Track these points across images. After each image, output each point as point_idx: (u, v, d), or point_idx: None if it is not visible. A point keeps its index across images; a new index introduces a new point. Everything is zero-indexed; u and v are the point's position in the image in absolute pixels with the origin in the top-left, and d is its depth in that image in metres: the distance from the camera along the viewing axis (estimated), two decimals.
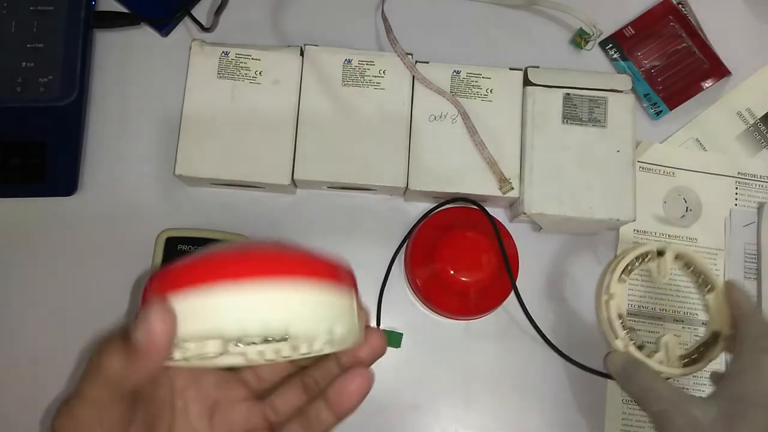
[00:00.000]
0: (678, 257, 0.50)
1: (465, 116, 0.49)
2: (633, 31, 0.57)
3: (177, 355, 0.24)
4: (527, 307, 0.47)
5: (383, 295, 0.50)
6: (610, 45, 0.56)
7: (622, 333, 0.47)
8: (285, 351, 0.25)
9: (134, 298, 0.49)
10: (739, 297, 0.46)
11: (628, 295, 0.52)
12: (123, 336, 0.24)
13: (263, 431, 0.30)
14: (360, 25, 0.55)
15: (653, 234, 0.53)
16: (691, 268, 0.50)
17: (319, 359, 0.30)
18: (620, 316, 0.47)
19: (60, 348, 0.49)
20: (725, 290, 0.47)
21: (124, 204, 0.52)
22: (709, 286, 0.49)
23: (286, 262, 0.25)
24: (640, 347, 0.46)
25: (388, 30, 0.51)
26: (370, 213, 0.52)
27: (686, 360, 0.47)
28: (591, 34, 0.54)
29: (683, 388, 0.51)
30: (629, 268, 0.49)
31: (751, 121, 0.56)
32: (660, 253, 0.50)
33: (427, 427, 0.50)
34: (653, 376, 0.43)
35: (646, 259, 0.49)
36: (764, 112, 0.56)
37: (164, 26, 0.54)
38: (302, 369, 0.31)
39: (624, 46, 0.56)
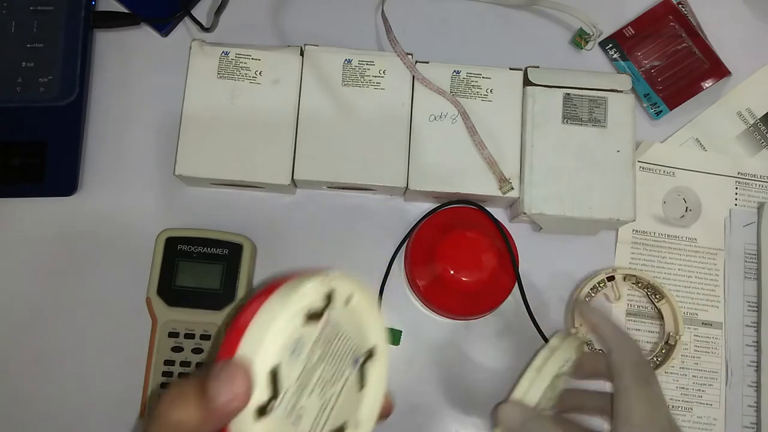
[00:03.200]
0: (627, 278, 0.52)
1: (465, 116, 0.49)
2: (633, 31, 0.57)
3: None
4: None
5: (383, 295, 0.50)
6: (610, 45, 0.56)
7: None
8: None
9: (134, 298, 0.49)
10: (595, 318, 0.40)
11: (628, 294, 0.52)
12: (196, 390, 0.24)
13: None
14: (360, 25, 0.55)
15: (653, 234, 0.53)
16: (641, 284, 0.52)
17: None
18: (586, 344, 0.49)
19: (60, 348, 0.49)
20: (578, 313, 0.48)
21: (124, 204, 0.52)
22: (659, 296, 0.51)
23: None
24: None
25: (388, 30, 0.51)
26: (370, 213, 0.52)
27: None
28: (591, 34, 0.54)
29: None
30: (587, 299, 0.51)
31: (751, 121, 0.56)
32: (610, 279, 0.51)
33: (427, 427, 0.50)
34: None
35: (600, 286, 0.51)
36: (764, 112, 0.56)
37: (164, 26, 0.54)
38: None
39: (624, 46, 0.56)
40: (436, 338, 0.51)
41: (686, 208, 0.54)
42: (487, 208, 0.50)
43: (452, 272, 0.48)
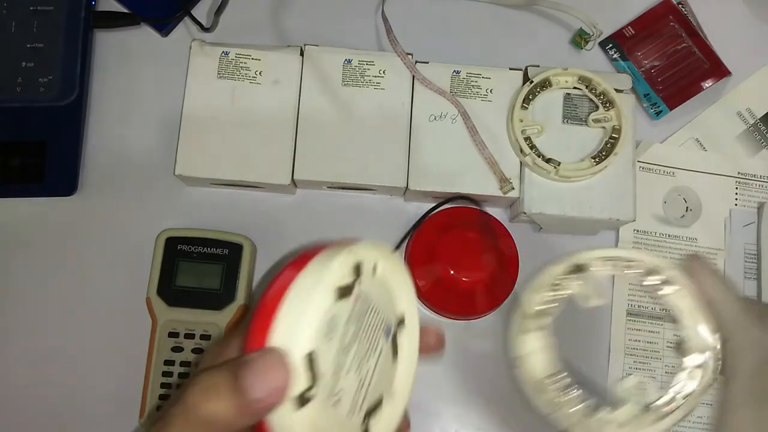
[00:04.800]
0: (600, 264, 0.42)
1: (465, 116, 0.49)
2: (633, 31, 0.57)
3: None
4: None
5: None
6: (610, 45, 0.56)
7: None
8: None
9: (134, 298, 0.49)
10: (710, 284, 0.31)
11: (628, 295, 0.52)
12: (229, 381, 0.23)
13: None
14: (360, 25, 0.55)
15: (653, 234, 0.53)
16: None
17: None
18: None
19: (60, 348, 0.49)
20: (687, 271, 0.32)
21: (124, 204, 0.52)
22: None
23: None
24: None
25: (388, 30, 0.51)
26: (370, 213, 0.52)
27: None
28: (591, 34, 0.54)
29: None
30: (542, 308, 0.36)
31: (751, 121, 0.56)
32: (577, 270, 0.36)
33: (427, 427, 0.50)
34: None
35: (558, 288, 0.36)
36: (764, 112, 0.56)
37: (164, 26, 0.54)
38: None
39: (624, 46, 0.56)
40: None
41: (686, 208, 0.54)
42: (487, 208, 0.50)
43: (452, 272, 0.48)
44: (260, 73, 0.49)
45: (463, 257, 0.48)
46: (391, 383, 0.29)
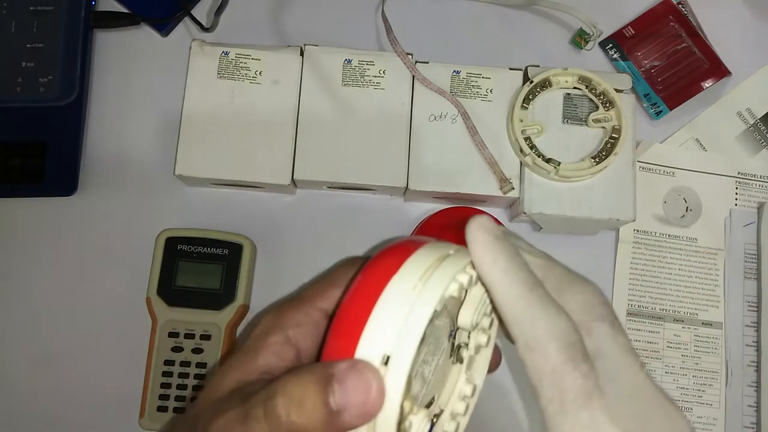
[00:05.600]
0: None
1: (465, 116, 0.49)
2: (633, 31, 0.57)
3: None
4: None
5: None
6: (610, 45, 0.56)
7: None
8: None
9: (134, 298, 0.49)
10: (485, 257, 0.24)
11: (628, 295, 0.52)
12: (320, 393, 0.21)
13: None
14: (360, 25, 0.55)
15: (653, 234, 0.53)
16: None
17: None
18: None
19: (60, 348, 0.49)
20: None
21: (124, 204, 0.52)
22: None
23: None
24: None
25: (388, 30, 0.51)
26: (370, 213, 0.52)
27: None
28: (591, 34, 0.54)
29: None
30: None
31: (751, 121, 0.56)
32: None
33: None
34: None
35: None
36: (764, 112, 0.56)
37: (164, 26, 0.54)
38: None
39: (624, 46, 0.56)
40: None
41: (687, 208, 0.54)
42: (487, 208, 0.50)
43: None
44: (260, 73, 0.49)
45: None
46: (443, 385, 0.28)
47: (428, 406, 0.26)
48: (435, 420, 0.26)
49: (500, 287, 0.23)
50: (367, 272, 0.23)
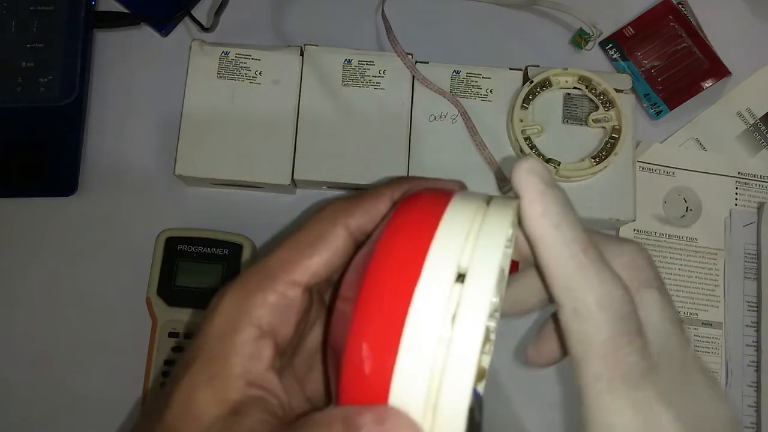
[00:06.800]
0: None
1: (465, 116, 0.49)
2: (633, 31, 0.56)
3: None
4: None
5: None
6: (610, 45, 0.56)
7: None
8: None
9: (134, 298, 0.49)
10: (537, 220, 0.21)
11: None
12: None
13: None
14: (360, 25, 0.55)
15: (653, 234, 0.53)
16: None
17: None
18: None
19: (60, 348, 0.49)
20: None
21: (124, 204, 0.52)
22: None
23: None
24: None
25: (388, 30, 0.51)
26: None
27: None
28: (591, 34, 0.54)
29: None
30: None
31: (751, 121, 0.56)
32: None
33: None
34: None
35: None
36: (764, 112, 0.56)
37: (164, 26, 0.54)
38: None
39: (624, 46, 0.56)
40: None
41: (687, 208, 0.54)
42: None
43: None
44: (260, 73, 0.49)
45: None
46: None
47: None
48: None
49: (551, 245, 0.20)
50: (384, 255, 0.17)
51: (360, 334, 0.17)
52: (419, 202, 0.19)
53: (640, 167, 0.54)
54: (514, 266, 0.24)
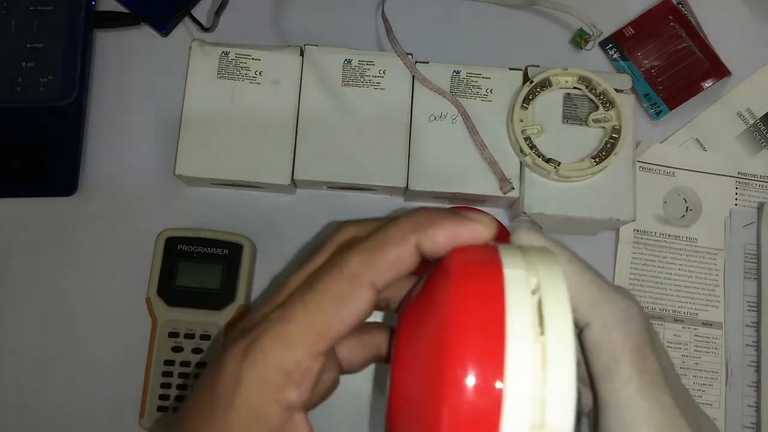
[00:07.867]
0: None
1: (465, 116, 0.49)
2: (633, 31, 0.56)
3: None
4: None
5: None
6: (610, 45, 0.56)
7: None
8: None
9: (134, 298, 0.49)
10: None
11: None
12: None
13: None
14: (360, 25, 0.55)
15: (653, 234, 0.53)
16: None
17: None
18: None
19: (60, 348, 0.49)
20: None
21: (124, 204, 0.52)
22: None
23: None
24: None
25: (388, 30, 0.51)
26: (370, 213, 0.52)
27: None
28: (591, 34, 0.54)
29: None
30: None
31: (751, 121, 0.56)
32: None
33: None
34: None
35: None
36: (764, 112, 0.56)
37: (164, 26, 0.54)
38: None
39: (624, 46, 0.56)
40: None
41: (687, 208, 0.54)
42: (487, 208, 0.50)
43: None
44: (260, 73, 0.49)
45: None
46: None
47: None
48: None
49: (570, 273, 0.23)
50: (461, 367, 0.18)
51: None
52: (471, 284, 0.19)
53: (640, 167, 0.54)
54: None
